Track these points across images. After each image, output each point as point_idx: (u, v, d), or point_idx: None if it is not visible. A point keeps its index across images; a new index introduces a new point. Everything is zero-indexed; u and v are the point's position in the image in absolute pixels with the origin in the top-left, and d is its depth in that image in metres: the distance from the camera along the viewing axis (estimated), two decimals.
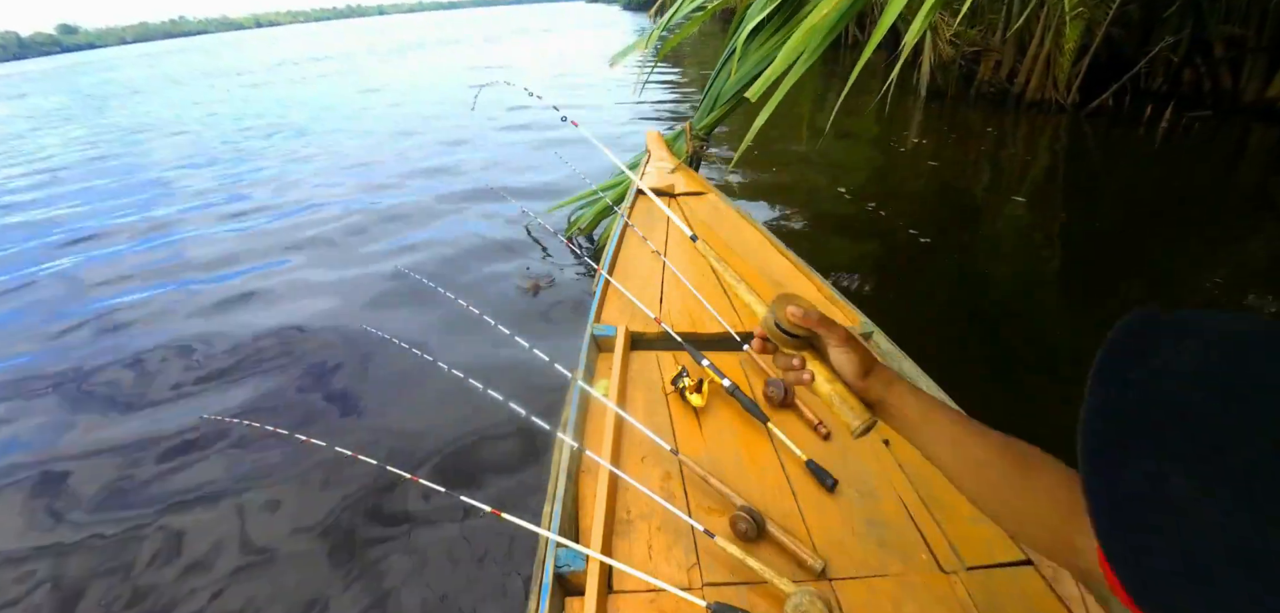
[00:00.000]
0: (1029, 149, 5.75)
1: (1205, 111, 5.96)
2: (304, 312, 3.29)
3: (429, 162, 6.29)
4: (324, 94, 12.46)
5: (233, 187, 6.00)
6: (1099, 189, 4.59)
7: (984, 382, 2.38)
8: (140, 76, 22.46)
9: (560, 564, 1.06)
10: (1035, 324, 2.90)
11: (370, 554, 1.85)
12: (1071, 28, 6.00)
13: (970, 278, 3.43)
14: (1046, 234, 3.94)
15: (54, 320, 3.49)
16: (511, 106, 8.42)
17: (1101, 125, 6.11)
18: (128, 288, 3.82)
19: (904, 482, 1.31)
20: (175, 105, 12.94)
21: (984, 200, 4.73)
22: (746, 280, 0.89)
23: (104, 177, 6.91)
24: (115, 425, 2.53)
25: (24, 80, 29.25)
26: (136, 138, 9.32)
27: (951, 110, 7.17)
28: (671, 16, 3.25)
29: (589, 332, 1.73)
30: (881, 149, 5.99)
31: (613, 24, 26.99)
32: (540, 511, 1.24)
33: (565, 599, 1.05)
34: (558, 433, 1.32)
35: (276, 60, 22.33)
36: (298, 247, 4.23)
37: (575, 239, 3.83)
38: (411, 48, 22.72)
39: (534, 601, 1.05)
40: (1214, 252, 3.53)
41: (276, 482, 2.14)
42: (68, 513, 2.11)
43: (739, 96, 3.00)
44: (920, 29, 2.26)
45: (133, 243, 4.65)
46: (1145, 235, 3.79)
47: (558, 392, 1.74)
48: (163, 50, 47.89)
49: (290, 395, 2.64)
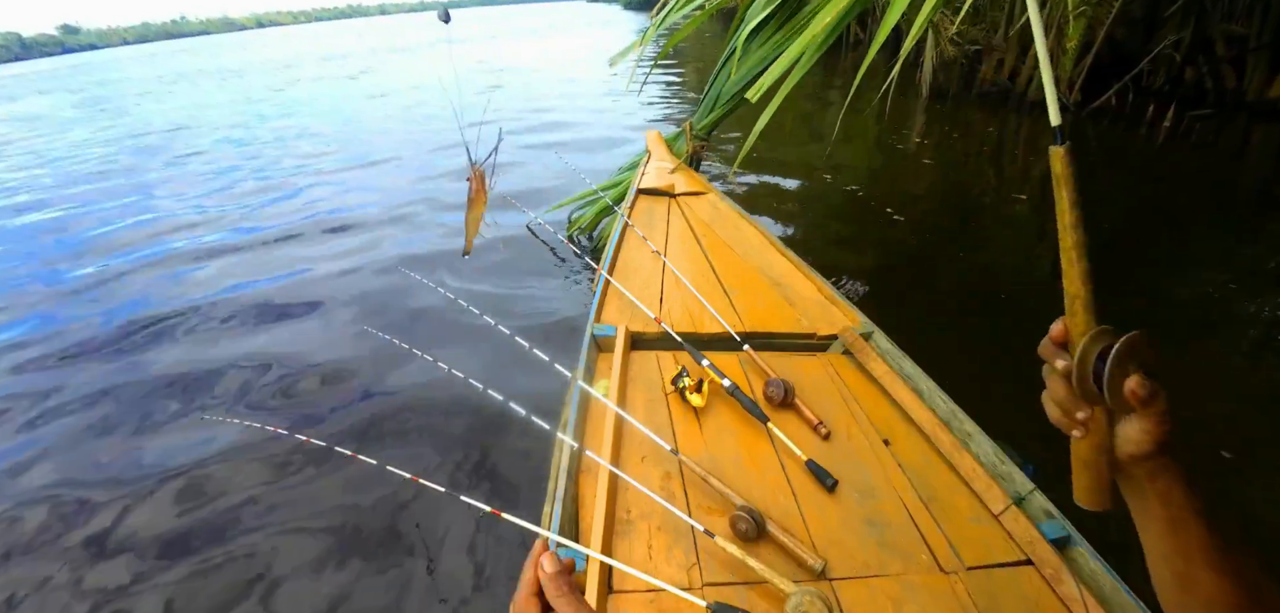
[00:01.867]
0: (1031, 148, 5.74)
1: (1207, 111, 5.94)
2: (303, 312, 3.30)
3: (427, 161, 6.30)
4: (332, 94, 12.48)
5: (230, 186, 6.01)
6: (1101, 189, 4.58)
7: (983, 381, 2.37)
8: (147, 73, 22.52)
9: None
10: (1036, 324, 2.89)
11: (370, 555, 1.85)
12: (1074, 26, 5.99)
13: (970, 277, 3.43)
14: (1048, 234, 3.94)
15: (53, 321, 3.50)
16: (509, 109, 8.40)
17: (1104, 124, 6.09)
18: (128, 284, 3.84)
19: (904, 482, 1.31)
20: (180, 106, 12.96)
21: (985, 200, 4.73)
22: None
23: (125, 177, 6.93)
24: (113, 423, 2.54)
25: (53, 77, 29.20)
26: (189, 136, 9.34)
27: (954, 109, 7.16)
28: (667, 15, 3.24)
29: (589, 332, 1.73)
30: (883, 148, 5.98)
31: (611, 23, 26.98)
32: (540, 511, 1.23)
33: None
34: (558, 433, 1.32)
35: (284, 62, 22.33)
36: (296, 248, 4.23)
37: (577, 239, 3.84)
38: (413, 48, 22.72)
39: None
40: (1216, 252, 3.52)
41: (275, 482, 2.14)
42: (64, 508, 2.12)
43: (739, 97, 3.00)
44: (920, 29, 2.26)
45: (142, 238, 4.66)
46: (1147, 235, 3.78)
47: (558, 392, 1.74)
48: (169, 50, 47.90)
49: (290, 396, 2.64)
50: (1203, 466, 2.02)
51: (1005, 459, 1.31)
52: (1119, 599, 1.03)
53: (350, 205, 5.04)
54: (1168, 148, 5.33)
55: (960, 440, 1.38)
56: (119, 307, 3.57)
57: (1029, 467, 1.28)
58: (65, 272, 4.22)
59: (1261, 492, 1.95)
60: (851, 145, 6.01)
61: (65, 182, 6.92)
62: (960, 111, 7.06)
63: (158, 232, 4.87)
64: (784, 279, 2.11)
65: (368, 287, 3.54)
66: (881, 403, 1.57)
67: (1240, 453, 2.07)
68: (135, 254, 4.39)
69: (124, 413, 2.61)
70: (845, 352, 1.76)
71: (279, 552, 1.89)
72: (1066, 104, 6.44)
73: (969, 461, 1.33)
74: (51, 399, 2.73)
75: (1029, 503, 1.22)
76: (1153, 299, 3.06)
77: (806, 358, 1.76)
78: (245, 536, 1.95)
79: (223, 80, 17.60)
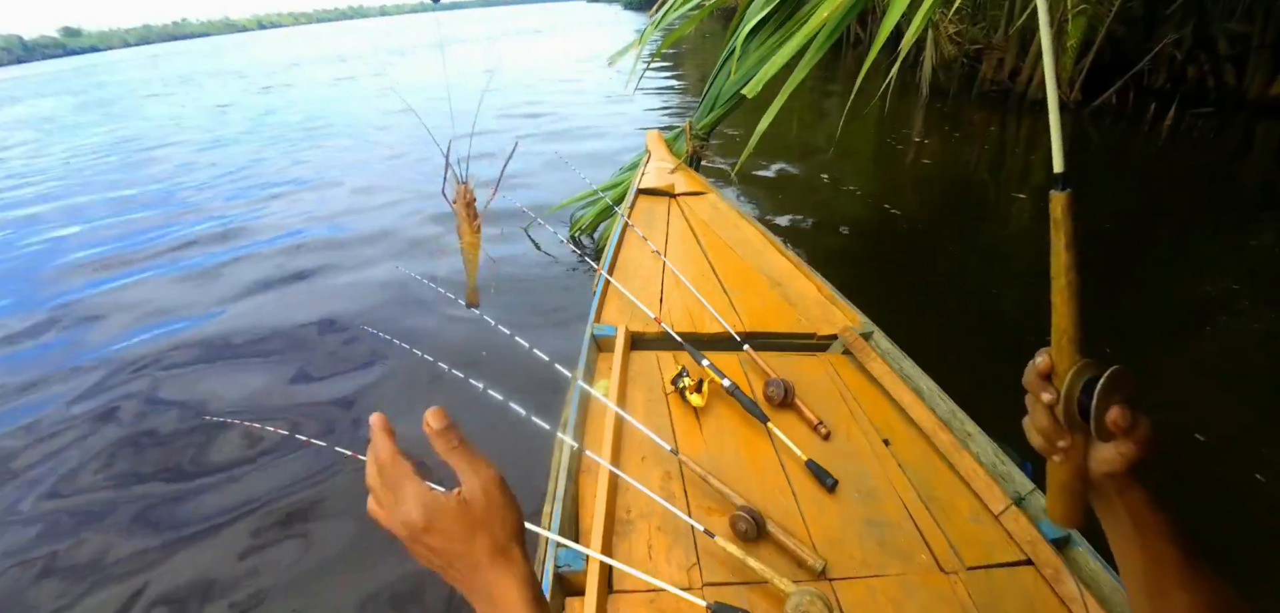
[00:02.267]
0: (1031, 147, 5.73)
1: (1208, 109, 5.93)
2: (303, 313, 3.30)
3: (428, 161, 6.30)
4: (331, 95, 12.49)
5: (233, 185, 6.01)
6: (1102, 187, 4.57)
7: (982, 380, 2.37)
8: (150, 75, 22.55)
9: (560, 564, 1.07)
10: (1037, 324, 2.89)
11: (370, 555, 1.85)
12: (1074, 25, 5.97)
13: (970, 277, 3.42)
14: (1047, 235, 3.93)
15: (55, 327, 3.50)
16: (508, 109, 8.41)
17: (1105, 123, 6.08)
18: (121, 281, 3.85)
19: (904, 482, 1.31)
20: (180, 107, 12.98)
21: (985, 198, 4.72)
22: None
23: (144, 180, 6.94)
24: (112, 421, 2.54)
25: (55, 79, 29.25)
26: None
27: (954, 108, 7.15)
28: (666, 14, 3.24)
29: (589, 332, 1.73)
30: (883, 148, 5.97)
31: (611, 23, 26.98)
32: (540, 510, 1.24)
33: (565, 599, 1.05)
34: (558, 433, 1.32)
35: (290, 62, 22.35)
36: (295, 248, 4.23)
37: (579, 239, 3.84)
38: (413, 49, 22.73)
39: None
40: (1218, 251, 3.52)
41: (275, 482, 2.14)
42: (59, 503, 2.12)
43: (738, 96, 3.00)
44: (918, 29, 2.26)
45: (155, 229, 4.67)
46: (1148, 234, 3.77)
47: (558, 391, 1.74)
48: (170, 52, 47.95)
49: (290, 396, 2.64)
50: (1200, 465, 2.02)
51: (1005, 459, 1.30)
52: (1119, 599, 1.03)
53: (350, 206, 5.04)
54: (1169, 146, 5.32)
55: (960, 440, 1.37)
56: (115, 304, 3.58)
57: (1028, 467, 1.28)
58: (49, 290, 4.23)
59: (1260, 489, 1.95)
60: (852, 143, 6.00)
61: (69, 188, 6.94)
62: (961, 110, 7.05)
63: (146, 233, 4.88)
64: (784, 279, 2.11)
65: (367, 287, 3.54)
66: (881, 403, 1.57)
67: (1237, 449, 2.07)
68: (132, 253, 4.40)
69: (122, 409, 2.61)
70: (845, 351, 1.76)
71: (276, 551, 1.89)
72: (1067, 102, 6.44)
73: (969, 460, 1.33)
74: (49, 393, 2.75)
75: (1029, 503, 1.22)
76: (1153, 298, 3.06)
77: (806, 358, 1.76)
78: (242, 534, 1.95)
79: (226, 81, 17.62)
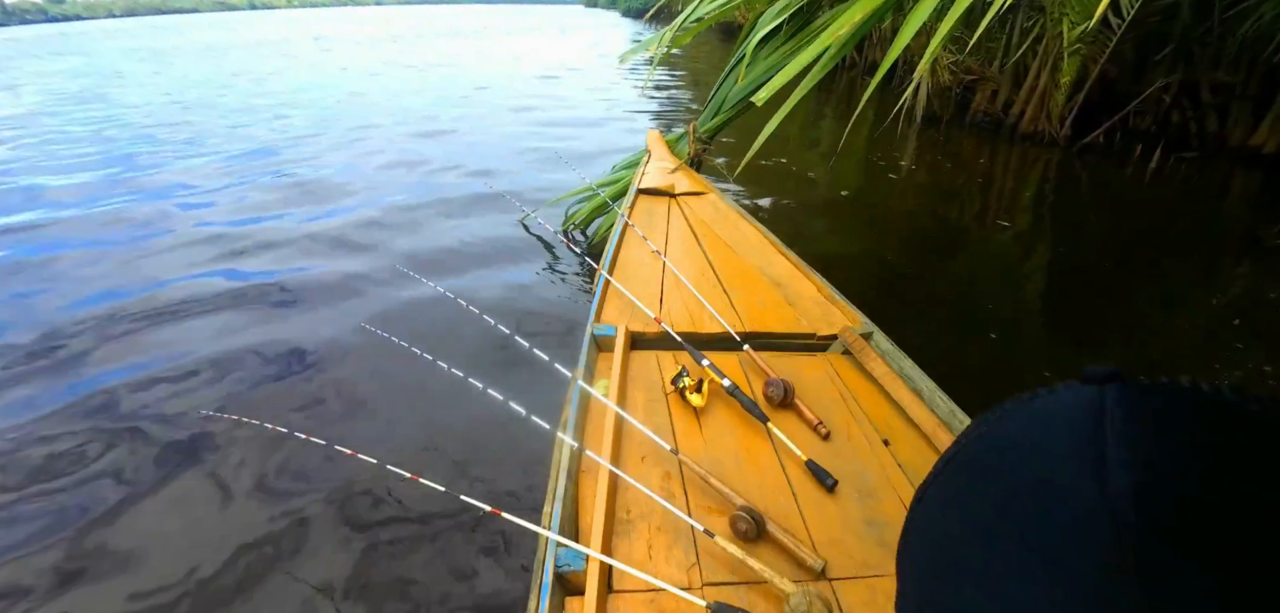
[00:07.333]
0: (1020, 179, 5.84)
1: (1192, 153, 6.09)
2: (303, 312, 3.21)
3: (428, 164, 6.25)
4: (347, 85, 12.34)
5: (235, 179, 5.89)
6: (1086, 223, 4.66)
7: (983, 381, 2.39)
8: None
9: (560, 564, 1.05)
10: (1026, 349, 2.93)
11: (370, 554, 1.81)
12: (1068, 63, 6.10)
13: (952, 305, 3.42)
14: (1033, 265, 4.00)
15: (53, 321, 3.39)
16: (511, 108, 8.37)
17: (1092, 161, 6.21)
18: (127, 279, 3.74)
19: (904, 482, 1.31)
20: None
21: (971, 228, 4.78)
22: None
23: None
24: (111, 417, 2.45)
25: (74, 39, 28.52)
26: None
27: (945, 136, 7.26)
28: (683, 21, 3.26)
29: (589, 331, 1.72)
30: (872, 172, 6.04)
31: (609, 28, 27.09)
32: (540, 510, 1.22)
33: (565, 599, 1.04)
34: (558, 433, 1.31)
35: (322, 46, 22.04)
36: (295, 247, 4.13)
37: (572, 234, 3.82)
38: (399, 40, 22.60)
39: (534, 600, 1.03)
40: (1195, 292, 3.59)
41: (276, 481, 2.08)
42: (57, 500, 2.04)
43: (746, 102, 3.01)
44: (929, 61, 2.27)
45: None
46: (1131, 270, 3.84)
47: (558, 391, 1.72)
48: (150, 26, 47.07)
49: (290, 394, 2.57)
50: None
51: None
52: None
53: (350, 204, 4.93)
54: (1154, 186, 5.45)
55: None
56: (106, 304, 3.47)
57: None
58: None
59: None
60: (842, 169, 6.06)
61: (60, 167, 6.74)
62: (952, 139, 7.15)
63: (139, 220, 4.76)
64: (784, 279, 2.11)
65: (367, 285, 3.47)
66: (881, 403, 1.57)
67: None
68: (124, 246, 4.28)
69: (121, 405, 2.52)
70: (845, 352, 1.76)
71: (276, 551, 1.83)
72: (1057, 138, 6.58)
73: None
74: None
75: None
76: (1135, 334, 3.12)
77: (806, 358, 1.75)
78: (242, 534, 1.89)
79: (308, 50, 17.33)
